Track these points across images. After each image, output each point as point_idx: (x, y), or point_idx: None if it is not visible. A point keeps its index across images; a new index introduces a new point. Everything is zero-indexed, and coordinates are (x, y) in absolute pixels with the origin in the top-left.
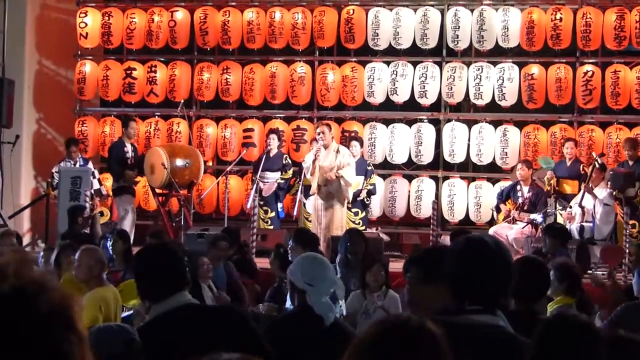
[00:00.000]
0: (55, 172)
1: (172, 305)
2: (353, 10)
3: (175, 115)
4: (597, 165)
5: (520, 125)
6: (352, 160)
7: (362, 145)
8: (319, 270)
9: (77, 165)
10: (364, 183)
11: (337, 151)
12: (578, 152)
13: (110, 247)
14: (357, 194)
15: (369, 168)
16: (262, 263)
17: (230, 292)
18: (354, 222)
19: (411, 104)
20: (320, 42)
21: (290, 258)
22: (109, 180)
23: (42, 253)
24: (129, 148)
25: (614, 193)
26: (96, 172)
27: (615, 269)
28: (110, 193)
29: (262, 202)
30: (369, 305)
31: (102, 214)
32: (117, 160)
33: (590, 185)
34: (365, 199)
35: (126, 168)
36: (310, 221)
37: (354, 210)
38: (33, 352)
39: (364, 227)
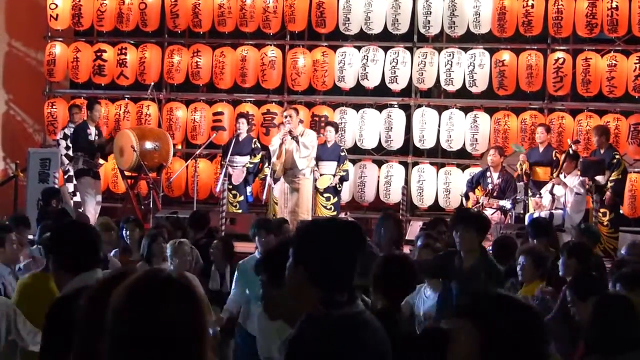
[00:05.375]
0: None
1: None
2: None
3: (145, 98)
4: (570, 152)
5: (490, 111)
6: (314, 145)
7: (336, 130)
8: None
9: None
10: (336, 169)
11: (302, 134)
12: (550, 139)
13: (128, 237)
14: (329, 180)
15: (342, 154)
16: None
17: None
18: (325, 207)
19: (382, 89)
20: (291, 26)
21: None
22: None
23: None
24: (92, 131)
25: (586, 182)
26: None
27: None
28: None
29: (231, 186)
30: None
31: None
32: (79, 143)
33: (560, 175)
34: (337, 185)
35: (89, 151)
36: (278, 204)
37: (325, 195)
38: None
39: (335, 212)
